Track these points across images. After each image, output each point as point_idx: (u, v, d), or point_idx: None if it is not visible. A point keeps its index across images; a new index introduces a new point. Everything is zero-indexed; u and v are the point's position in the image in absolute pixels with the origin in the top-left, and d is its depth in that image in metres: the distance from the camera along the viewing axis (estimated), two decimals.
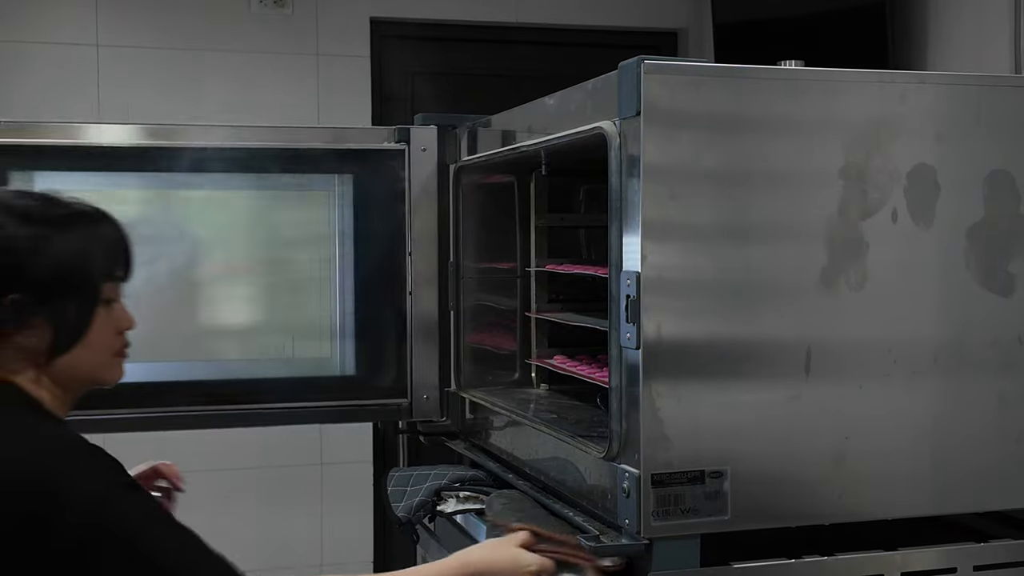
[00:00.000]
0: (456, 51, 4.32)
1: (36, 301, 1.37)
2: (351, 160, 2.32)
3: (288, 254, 2.43)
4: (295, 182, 2.41)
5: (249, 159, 2.36)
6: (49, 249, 1.38)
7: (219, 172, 2.35)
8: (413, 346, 2.28)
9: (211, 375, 2.31)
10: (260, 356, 2.35)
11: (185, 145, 2.32)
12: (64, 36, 3.89)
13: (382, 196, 2.30)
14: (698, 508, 1.48)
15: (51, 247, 1.38)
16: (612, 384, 1.51)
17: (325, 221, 2.37)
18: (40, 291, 1.37)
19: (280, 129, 2.47)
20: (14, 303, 1.36)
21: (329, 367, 2.35)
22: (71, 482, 1.30)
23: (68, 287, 1.40)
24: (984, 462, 1.62)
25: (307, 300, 2.40)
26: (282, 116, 3.97)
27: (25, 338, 1.38)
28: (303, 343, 2.39)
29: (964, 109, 1.60)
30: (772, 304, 1.51)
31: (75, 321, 1.41)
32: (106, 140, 2.32)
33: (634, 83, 1.45)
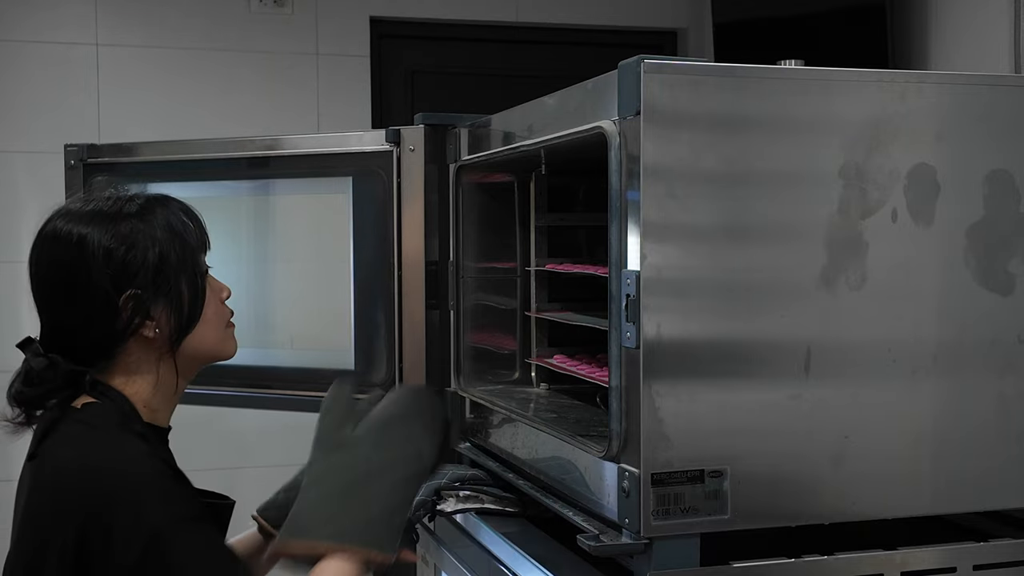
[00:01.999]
0: (456, 51, 4.32)
1: (151, 291, 1.42)
2: (347, 163, 2.34)
3: (300, 254, 2.47)
4: (303, 187, 2.45)
5: (249, 166, 2.42)
6: (144, 239, 1.42)
7: (226, 180, 2.48)
8: (402, 344, 2.29)
9: (236, 361, 2.39)
10: (268, 346, 2.43)
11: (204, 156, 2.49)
12: (64, 35, 3.89)
13: (375, 198, 2.31)
14: (698, 507, 1.48)
15: (145, 236, 1.43)
16: (612, 383, 1.51)
17: (329, 222, 2.39)
18: (151, 280, 1.42)
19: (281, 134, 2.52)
20: (133, 298, 1.41)
21: (328, 360, 2.37)
22: (135, 506, 1.32)
23: (174, 268, 1.44)
24: (984, 461, 1.62)
25: (313, 299, 2.46)
26: (282, 116, 3.98)
27: (151, 330, 1.43)
28: (308, 337, 2.45)
29: (964, 108, 1.60)
30: (772, 303, 1.52)
31: (191, 297, 1.46)
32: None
33: (634, 83, 1.45)
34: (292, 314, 2.49)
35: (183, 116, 3.89)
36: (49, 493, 1.38)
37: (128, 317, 1.41)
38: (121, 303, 1.41)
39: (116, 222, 1.43)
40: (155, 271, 1.42)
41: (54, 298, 1.45)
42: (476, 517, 1.93)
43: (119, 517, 1.31)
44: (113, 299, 1.40)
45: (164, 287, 1.43)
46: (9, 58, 3.83)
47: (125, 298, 1.41)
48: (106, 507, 1.32)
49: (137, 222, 1.44)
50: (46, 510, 1.37)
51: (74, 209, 1.46)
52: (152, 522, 1.32)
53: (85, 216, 1.43)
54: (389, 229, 2.29)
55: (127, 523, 1.31)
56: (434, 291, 2.29)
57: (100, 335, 1.42)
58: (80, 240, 1.41)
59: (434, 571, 2.14)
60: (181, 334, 1.46)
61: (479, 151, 2.09)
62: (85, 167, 2.59)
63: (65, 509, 1.34)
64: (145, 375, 1.46)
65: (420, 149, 2.28)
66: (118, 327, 1.42)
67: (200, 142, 2.57)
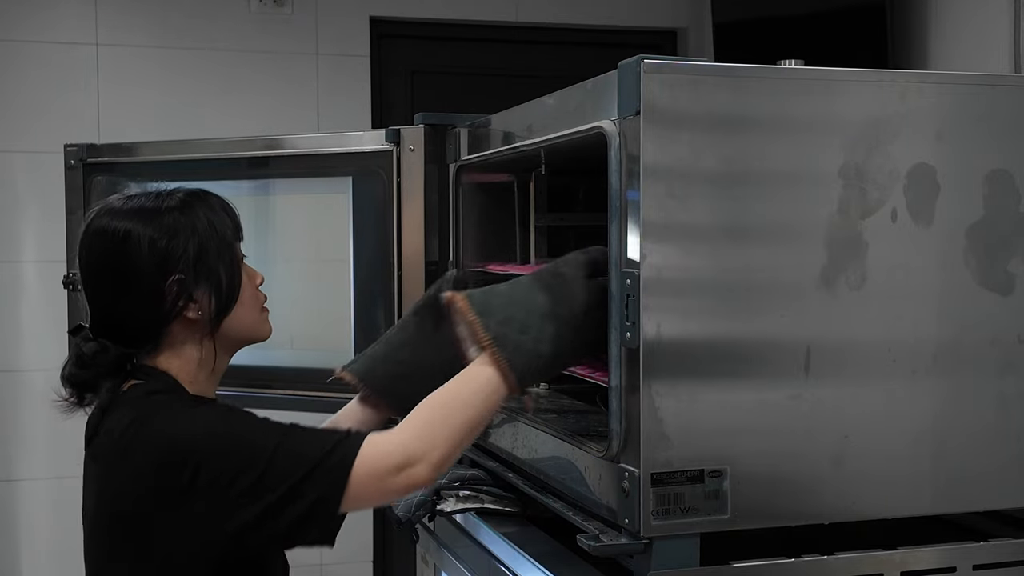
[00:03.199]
0: (456, 51, 4.32)
1: (193, 275, 1.55)
2: (347, 163, 2.35)
3: (300, 254, 2.47)
4: (303, 187, 2.45)
5: (249, 166, 2.42)
6: (185, 228, 1.55)
7: (226, 180, 2.47)
8: None
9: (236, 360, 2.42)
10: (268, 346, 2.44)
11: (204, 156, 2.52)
12: (64, 35, 3.89)
13: (375, 198, 2.32)
14: (698, 507, 1.48)
15: (185, 226, 1.55)
16: (612, 383, 1.51)
17: (329, 222, 2.39)
18: (193, 266, 1.55)
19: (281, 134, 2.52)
20: (178, 282, 1.54)
21: (328, 360, 2.37)
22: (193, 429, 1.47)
23: (213, 254, 1.57)
24: (984, 461, 1.62)
25: (313, 299, 2.47)
26: (282, 116, 3.98)
27: (193, 311, 1.55)
28: (308, 337, 2.46)
29: (964, 108, 1.60)
30: (772, 303, 1.52)
31: (229, 281, 1.59)
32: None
33: (634, 82, 1.45)
34: (292, 314, 2.49)
35: (183, 116, 3.88)
36: (111, 469, 1.51)
37: (173, 300, 1.54)
38: (166, 288, 1.53)
39: (159, 215, 1.55)
40: (196, 258, 1.55)
41: (103, 288, 1.57)
42: (476, 517, 1.93)
43: (196, 445, 1.45)
44: (159, 285, 1.53)
45: (204, 272, 1.55)
46: (9, 58, 3.83)
47: (170, 283, 1.53)
48: (180, 446, 1.45)
49: (178, 215, 1.56)
50: (111, 487, 1.50)
51: (117, 206, 1.58)
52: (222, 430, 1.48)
53: (129, 212, 1.56)
54: (389, 229, 2.30)
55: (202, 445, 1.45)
56: None
57: (148, 318, 1.55)
58: (126, 234, 1.53)
59: (434, 571, 2.14)
60: (221, 314, 1.58)
61: (479, 151, 2.09)
62: (85, 167, 2.60)
63: (138, 463, 1.46)
64: (189, 353, 1.58)
65: (420, 149, 2.28)
66: (164, 310, 1.54)
67: (200, 142, 2.58)
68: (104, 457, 1.53)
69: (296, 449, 1.45)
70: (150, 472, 1.45)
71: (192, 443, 1.45)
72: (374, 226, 2.32)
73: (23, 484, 3.85)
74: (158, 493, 1.45)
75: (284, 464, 1.44)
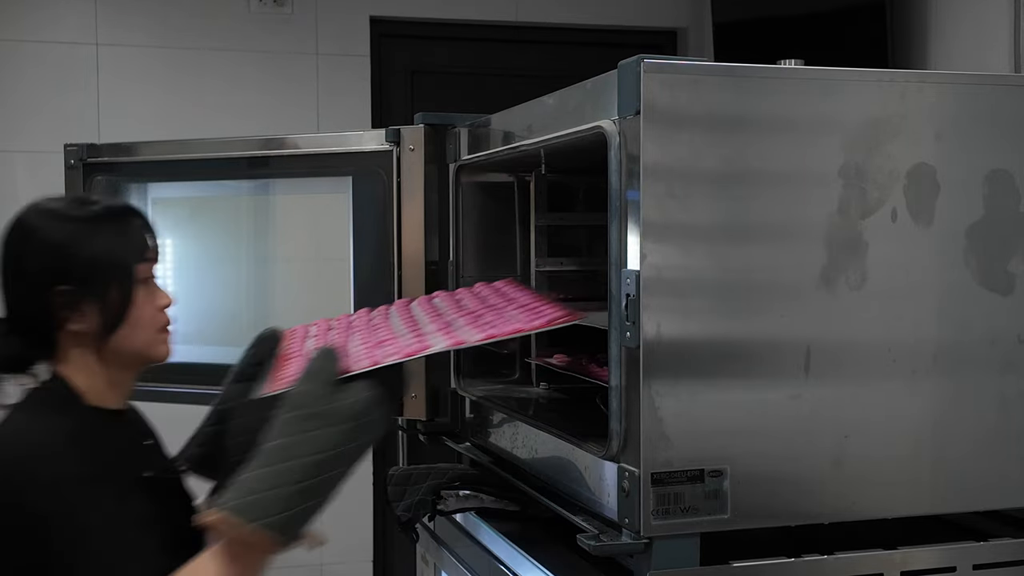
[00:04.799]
0: (456, 50, 4.32)
1: (83, 289, 1.52)
2: (347, 163, 2.34)
3: (300, 254, 2.47)
4: (303, 186, 2.45)
5: (249, 166, 2.41)
6: (86, 241, 1.54)
7: (226, 179, 2.50)
8: None
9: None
10: None
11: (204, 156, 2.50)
12: (64, 35, 3.89)
13: (375, 197, 2.31)
14: (698, 507, 1.48)
15: (88, 239, 1.54)
16: (612, 383, 1.51)
17: (329, 222, 2.39)
18: (84, 279, 1.53)
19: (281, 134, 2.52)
20: (64, 293, 1.52)
21: None
22: (35, 470, 1.43)
23: (107, 272, 1.54)
24: (984, 461, 1.62)
25: (313, 299, 2.46)
26: (282, 116, 3.98)
27: (77, 323, 1.53)
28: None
29: (964, 108, 1.60)
30: (772, 303, 1.52)
31: (119, 301, 1.55)
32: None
33: (634, 82, 1.45)
34: (292, 314, 2.49)
35: (183, 116, 3.88)
36: None
37: (57, 309, 1.52)
38: (53, 295, 1.52)
39: (68, 222, 1.55)
40: (89, 273, 1.53)
41: (5, 282, 1.57)
42: (476, 517, 1.93)
43: (9, 486, 1.42)
44: (46, 290, 1.52)
45: (93, 288, 1.53)
46: (9, 57, 3.83)
47: (57, 291, 1.52)
48: (13, 479, 1.42)
49: (83, 224, 1.55)
50: None
51: (43, 203, 1.58)
52: (58, 476, 1.42)
53: (46, 212, 1.56)
54: (389, 229, 2.29)
55: (34, 482, 1.42)
56: (434, 291, 2.29)
57: (35, 322, 1.54)
58: (31, 231, 1.54)
59: (434, 571, 2.14)
60: (106, 332, 1.55)
61: (479, 151, 2.09)
62: (85, 167, 2.59)
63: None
64: (82, 363, 1.56)
65: (420, 149, 2.28)
66: (48, 317, 1.53)
67: (200, 142, 2.57)
68: None
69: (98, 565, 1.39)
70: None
71: (23, 489, 1.42)
72: (374, 226, 2.32)
73: None
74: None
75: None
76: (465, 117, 2.23)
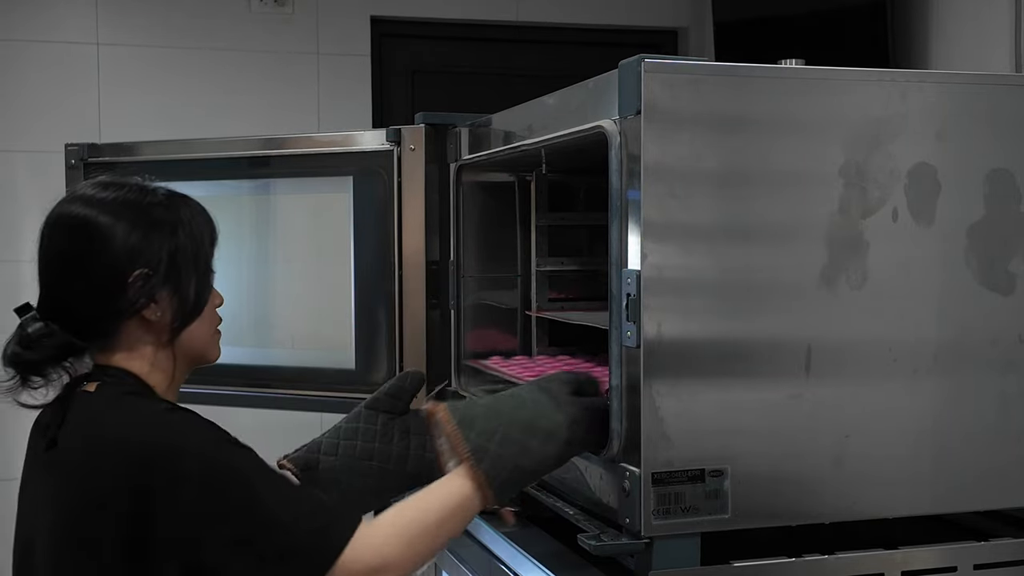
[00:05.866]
0: (456, 50, 4.32)
1: (162, 276, 1.45)
2: (348, 163, 2.35)
3: (300, 253, 2.47)
4: (303, 186, 2.45)
5: (250, 165, 2.42)
6: (164, 225, 1.47)
7: (226, 179, 2.50)
8: (403, 344, 2.29)
9: (237, 360, 2.40)
10: (268, 345, 2.46)
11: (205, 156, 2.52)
12: (64, 35, 3.89)
13: (375, 197, 2.32)
14: (698, 507, 1.48)
15: (165, 223, 1.47)
16: (612, 383, 1.51)
17: (329, 222, 2.39)
18: (164, 266, 1.45)
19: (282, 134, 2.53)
20: (142, 277, 1.44)
21: (328, 360, 2.38)
22: (178, 447, 1.36)
23: (188, 259, 1.48)
24: (984, 461, 1.62)
25: (313, 298, 2.46)
26: (282, 116, 3.98)
27: (152, 313, 1.46)
28: (309, 337, 2.46)
29: (965, 108, 1.60)
30: (772, 303, 1.52)
31: (196, 294, 1.50)
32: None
33: (634, 82, 1.45)
34: (293, 313, 2.50)
35: (183, 115, 3.89)
36: (87, 467, 1.39)
37: (134, 295, 1.44)
38: (130, 280, 1.43)
39: (140, 208, 1.47)
40: (170, 258, 1.46)
41: (63, 274, 1.46)
42: (477, 516, 1.93)
43: (163, 462, 1.34)
44: (123, 276, 1.43)
45: (174, 276, 1.47)
46: (10, 58, 3.83)
47: (135, 276, 1.44)
48: (152, 457, 1.35)
49: (161, 211, 1.48)
50: (88, 485, 1.37)
51: (90, 194, 1.48)
52: (197, 453, 1.36)
53: (105, 202, 1.46)
54: (390, 229, 2.30)
55: (172, 465, 1.34)
56: (435, 291, 2.29)
57: (104, 310, 1.45)
58: (97, 221, 1.44)
59: (434, 570, 2.14)
60: (182, 324, 1.49)
61: (480, 150, 2.09)
62: (86, 166, 2.60)
63: (114, 475, 1.35)
64: (143, 356, 1.48)
65: (421, 148, 2.28)
66: (122, 304, 1.44)
67: (201, 141, 2.58)
68: (74, 470, 1.40)
69: (288, 516, 1.36)
70: (125, 487, 1.35)
71: (181, 459, 1.35)
72: (375, 226, 2.32)
73: None
74: (131, 509, 1.34)
75: (274, 529, 1.35)
76: (466, 117, 2.23)
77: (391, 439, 1.69)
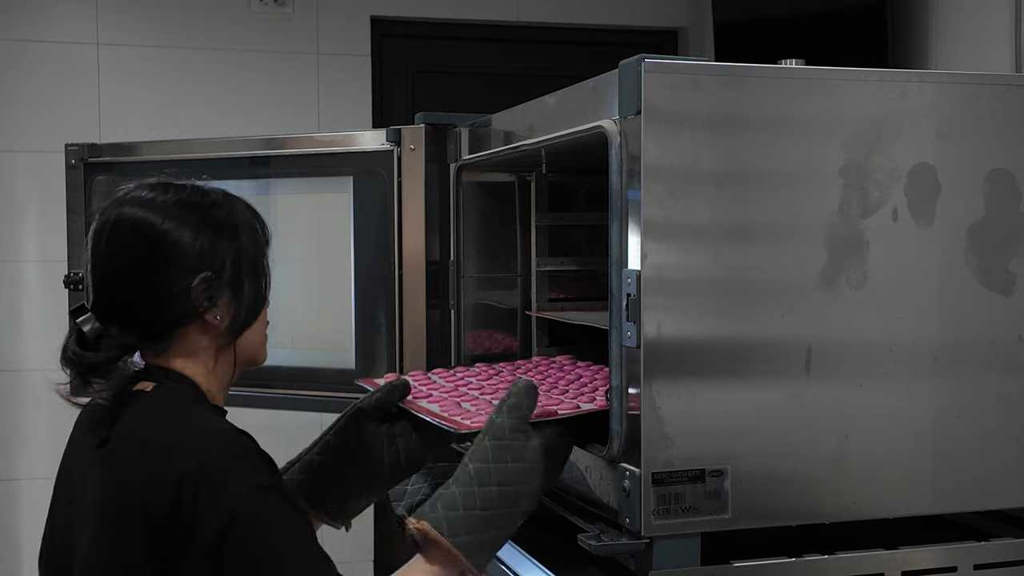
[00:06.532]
0: (456, 50, 4.32)
1: (223, 281, 1.45)
2: (348, 163, 2.35)
3: (301, 253, 2.47)
4: (303, 186, 2.45)
5: (250, 165, 2.42)
6: (228, 229, 1.47)
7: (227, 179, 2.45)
8: (403, 344, 2.29)
9: None
10: (269, 345, 2.43)
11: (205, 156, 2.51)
12: (64, 34, 3.89)
13: (376, 197, 2.32)
14: (699, 507, 1.48)
15: (229, 227, 1.47)
16: (612, 383, 1.51)
17: (329, 222, 2.39)
18: (227, 270, 1.46)
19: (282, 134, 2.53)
20: (205, 281, 1.44)
21: (328, 360, 2.38)
22: (223, 473, 1.34)
23: (249, 262, 1.49)
24: (985, 461, 1.62)
25: (314, 298, 2.47)
26: (282, 116, 3.98)
27: (212, 316, 1.45)
28: (309, 337, 2.45)
29: (965, 107, 1.60)
30: (772, 303, 1.52)
31: (255, 298, 1.50)
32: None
33: (634, 82, 1.45)
34: (293, 313, 2.49)
35: (183, 115, 3.89)
36: (138, 468, 1.38)
37: (197, 299, 1.44)
38: (194, 284, 1.43)
39: (203, 210, 1.46)
40: (232, 262, 1.46)
41: (124, 278, 1.45)
42: None
43: (207, 483, 1.33)
44: (188, 280, 1.43)
45: (236, 279, 1.47)
46: (10, 57, 3.83)
47: (199, 280, 1.43)
48: (199, 473, 1.33)
49: (223, 212, 1.48)
50: (136, 485, 1.36)
51: (148, 197, 1.47)
52: (237, 489, 1.33)
53: (166, 205, 1.45)
54: (390, 229, 2.30)
55: (213, 489, 1.32)
56: (434, 291, 2.29)
57: (166, 313, 1.44)
58: (162, 224, 1.43)
59: None
60: (241, 327, 1.49)
61: (480, 150, 2.09)
62: (86, 166, 2.60)
63: (157, 479, 1.34)
64: (202, 360, 1.48)
65: (421, 148, 2.28)
66: (185, 308, 1.44)
67: (201, 141, 2.58)
68: (122, 468, 1.40)
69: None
70: (163, 501, 1.33)
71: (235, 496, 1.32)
72: (375, 226, 2.32)
73: (23, 484, 3.85)
74: (169, 521, 1.33)
75: None
76: (466, 117, 2.23)
77: (380, 447, 1.68)
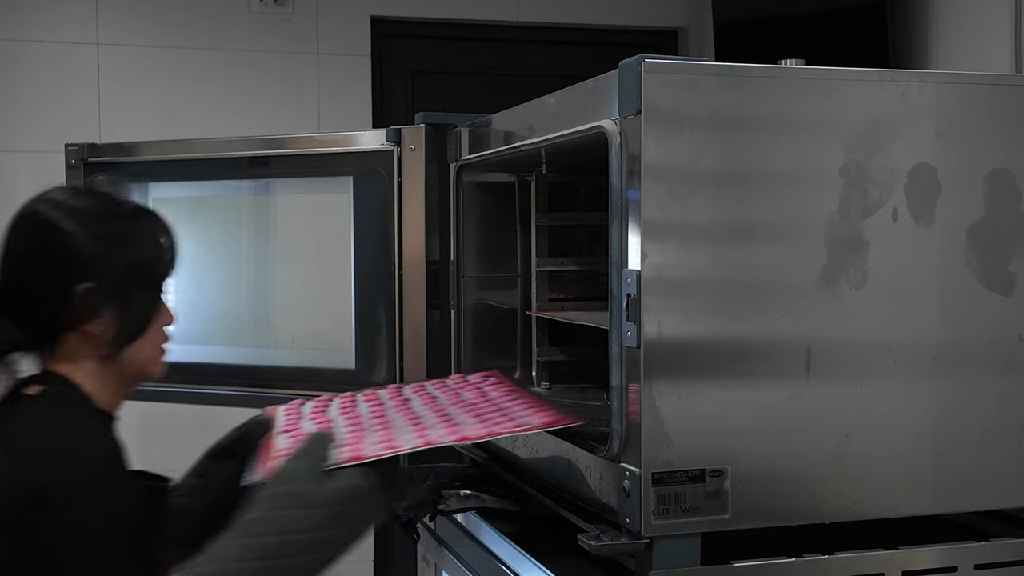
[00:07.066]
0: (456, 50, 4.33)
1: (107, 292, 1.43)
2: (348, 163, 2.35)
3: (300, 253, 2.48)
4: (303, 186, 2.45)
5: (250, 165, 2.42)
6: (122, 243, 1.45)
7: (226, 179, 2.50)
8: (403, 344, 2.29)
9: (237, 360, 2.43)
10: (268, 345, 2.45)
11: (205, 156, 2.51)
12: (64, 35, 3.89)
13: (376, 197, 2.32)
14: (698, 507, 1.48)
15: (124, 241, 1.46)
16: (612, 383, 1.51)
17: (329, 222, 2.39)
18: (112, 282, 1.44)
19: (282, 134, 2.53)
20: (87, 292, 1.42)
21: (328, 360, 2.38)
22: (68, 484, 1.33)
23: (137, 279, 1.47)
24: (984, 461, 1.62)
25: (313, 298, 2.47)
26: (282, 116, 3.98)
27: (95, 327, 1.44)
28: (309, 337, 2.45)
29: (965, 107, 1.60)
30: (772, 303, 1.52)
31: (141, 313, 1.48)
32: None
33: (635, 82, 1.45)
34: (293, 313, 2.49)
35: (184, 115, 3.89)
36: (7, 473, 1.37)
37: (77, 307, 1.43)
38: (76, 292, 1.42)
39: (101, 220, 1.46)
40: (121, 275, 1.45)
41: (15, 273, 1.46)
42: (477, 516, 1.93)
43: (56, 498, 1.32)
44: (71, 287, 1.42)
45: (122, 293, 1.45)
46: (10, 57, 3.83)
47: (84, 288, 1.42)
48: (54, 487, 1.33)
49: (125, 224, 1.47)
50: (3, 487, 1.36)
51: (60, 198, 1.48)
52: (79, 516, 1.32)
53: (70, 208, 1.46)
54: (390, 229, 2.30)
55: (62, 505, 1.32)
56: (435, 291, 2.29)
57: (48, 318, 1.44)
58: (57, 226, 1.44)
59: (435, 570, 2.14)
60: (124, 341, 1.47)
61: (480, 150, 2.09)
62: (86, 166, 2.60)
63: (18, 486, 1.34)
64: (86, 368, 1.47)
65: (421, 148, 2.28)
66: (68, 313, 1.43)
67: (201, 141, 2.58)
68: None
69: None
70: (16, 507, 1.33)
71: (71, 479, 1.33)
72: (375, 226, 2.32)
73: None
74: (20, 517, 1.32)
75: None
76: (466, 117, 2.23)
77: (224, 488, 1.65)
